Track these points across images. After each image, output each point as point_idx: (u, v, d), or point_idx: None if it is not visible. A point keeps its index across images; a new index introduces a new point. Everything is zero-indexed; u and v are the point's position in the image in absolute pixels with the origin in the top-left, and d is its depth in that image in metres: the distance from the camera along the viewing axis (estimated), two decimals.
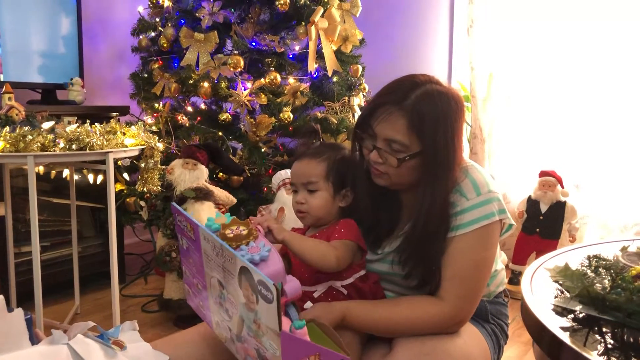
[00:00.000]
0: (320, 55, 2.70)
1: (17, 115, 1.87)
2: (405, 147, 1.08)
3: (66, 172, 2.35)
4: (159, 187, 2.15)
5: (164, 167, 2.23)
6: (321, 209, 1.19)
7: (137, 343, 0.93)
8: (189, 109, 2.77)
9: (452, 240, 1.11)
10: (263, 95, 2.56)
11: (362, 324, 1.10)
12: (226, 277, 0.92)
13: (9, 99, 1.95)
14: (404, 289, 1.19)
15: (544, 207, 2.73)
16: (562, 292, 1.06)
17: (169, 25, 2.74)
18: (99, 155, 1.83)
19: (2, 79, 2.48)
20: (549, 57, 3.04)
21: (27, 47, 2.65)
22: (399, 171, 1.11)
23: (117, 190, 2.58)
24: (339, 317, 1.07)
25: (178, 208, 1.03)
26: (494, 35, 3.17)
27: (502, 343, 1.28)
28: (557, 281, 1.09)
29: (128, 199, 2.59)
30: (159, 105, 2.79)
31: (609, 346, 0.89)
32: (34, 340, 0.85)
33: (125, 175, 2.67)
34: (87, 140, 1.76)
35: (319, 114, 2.73)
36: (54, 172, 2.39)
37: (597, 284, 1.02)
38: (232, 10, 2.72)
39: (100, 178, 2.51)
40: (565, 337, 0.89)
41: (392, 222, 1.22)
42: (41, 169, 2.32)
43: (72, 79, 2.75)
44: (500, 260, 1.28)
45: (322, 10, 2.60)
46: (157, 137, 2.12)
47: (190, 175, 2.25)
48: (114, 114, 2.76)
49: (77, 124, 1.84)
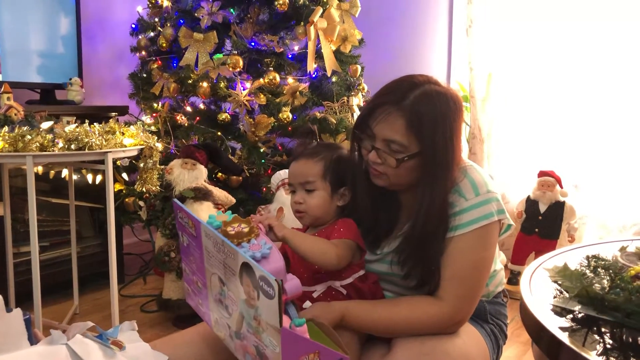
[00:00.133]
0: (319, 55, 2.70)
1: (15, 115, 1.87)
2: (404, 147, 1.08)
3: (65, 172, 2.35)
4: (157, 187, 2.15)
5: (163, 167, 2.23)
6: (319, 208, 1.19)
7: (136, 343, 0.93)
8: (188, 108, 2.77)
9: (451, 241, 1.11)
10: (262, 95, 2.55)
11: (361, 324, 1.10)
12: (227, 273, 0.92)
13: (8, 98, 1.96)
14: (403, 289, 1.19)
15: (542, 207, 2.73)
16: (561, 292, 1.06)
17: (168, 25, 2.74)
18: (97, 155, 1.83)
19: (1, 79, 2.48)
20: (548, 57, 3.04)
21: (26, 47, 2.65)
22: (398, 171, 1.11)
23: (116, 190, 2.58)
24: (338, 317, 1.07)
25: (180, 205, 1.03)
26: (492, 36, 3.18)
27: (501, 343, 1.28)
28: (556, 281, 1.10)
29: (127, 199, 2.59)
30: (158, 105, 2.79)
31: (608, 346, 0.90)
32: (33, 340, 0.85)
33: (124, 175, 2.67)
34: (86, 140, 1.75)
35: (318, 114, 2.73)
36: (52, 172, 2.39)
37: (596, 284, 1.02)
38: (231, 10, 2.72)
39: (99, 178, 2.52)
40: (564, 337, 0.89)
41: (391, 222, 1.22)
42: (40, 168, 2.32)
43: (71, 79, 2.74)
44: (499, 261, 1.28)
45: (321, 11, 2.60)
46: (156, 137, 2.12)
47: (189, 175, 2.24)
48: (113, 113, 2.75)
49: (76, 124, 1.84)
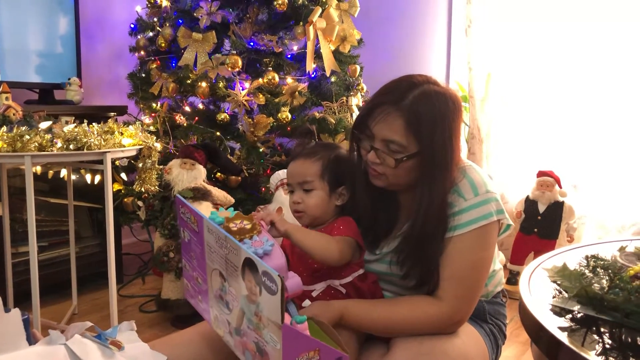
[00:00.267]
0: (318, 55, 2.70)
1: (14, 115, 1.87)
2: (402, 147, 1.08)
3: (64, 172, 2.35)
4: (156, 187, 2.15)
5: (161, 167, 2.22)
6: (318, 207, 1.19)
7: (134, 343, 0.93)
8: (187, 108, 2.77)
9: (450, 241, 1.11)
10: (261, 95, 2.55)
11: (360, 323, 1.10)
12: (228, 269, 0.92)
13: (6, 98, 1.95)
14: (402, 289, 1.19)
15: (542, 207, 2.73)
16: (560, 292, 1.06)
17: (167, 25, 2.73)
18: (96, 155, 1.82)
19: None
20: (547, 57, 3.04)
21: (24, 46, 2.64)
22: (397, 172, 1.10)
23: (114, 190, 2.58)
24: (337, 316, 1.07)
25: (182, 200, 1.03)
26: (492, 36, 3.18)
27: (500, 343, 1.28)
28: (555, 281, 1.10)
29: (126, 199, 2.59)
30: (157, 105, 2.79)
31: (607, 346, 0.90)
32: (31, 340, 0.85)
33: (123, 175, 2.66)
34: (85, 140, 1.75)
35: (317, 114, 2.73)
36: (51, 172, 2.39)
37: (595, 284, 1.02)
38: (230, 10, 2.72)
39: (97, 178, 2.51)
40: (563, 337, 0.89)
41: (390, 222, 1.22)
42: (38, 168, 2.31)
43: (69, 79, 2.74)
44: (498, 261, 1.28)
45: (320, 10, 2.60)
46: (155, 137, 2.12)
47: (188, 175, 2.24)
48: (112, 113, 2.75)
49: (75, 124, 1.84)
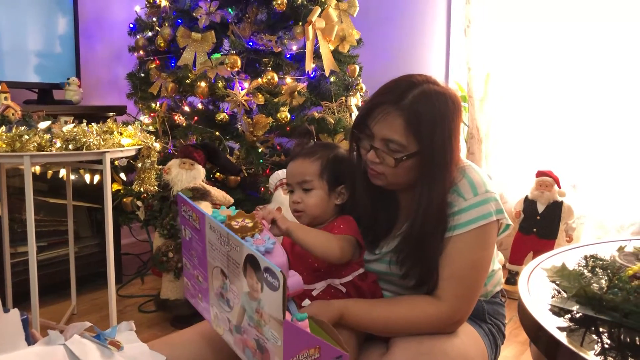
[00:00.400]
0: (317, 55, 2.70)
1: (13, 115, 1.87)
2: (402, 147, 1.08)
3: (63, 172, 2.35)
4: (155, 187, 2.14)
5: (160, 167, 2.22)
6: (317, 207, 1.19)
7: (133, 343, 0.93)
8: (186, 108, 2.76)
9: (449, 240, 1.11)
10: (260, 95, 2.55)
11: (360, 323, 1.10)
12: (230, 266, 0.92)
13: (5, 98, 1.95)
14: (401, 289, 1.19)
15: (541, 207, 2.73)
16: (559, 292, 1.06)
17: (166, 24, 2.73)
18: (95, 155, 1.82)
19: None
20: (546, 57, 3.04)
21: (23, 46, 2.64)
22: (396, 171, 1.11)
23: (113, 190, 2.57)
24: (337, 315, 1.07)
25: (184, 198, 1.04)
26: (491, 36, 3.18)
27: (499, 343, 1.28)
28: (554, 281, 1.10)
29: (125, 199, 2.59)
30: (156, 105, 2.79)
31: (606, 346, 0.90)
32: (30, 340, 0.85)
33: (122, 175, 2.66)
34: (84, 140, 1.75)
35: (316, 114, 2.72)
36: (50, 172, 2.39)
37: (594, 284, 1.02)
38: (230, 10, 2.72)
39: (97, 178, 2.51)
40: (562, 337, 0.89)
41: (390, 222, 1.22)
42: (38, 168, 2.31)
43: (68, 79, 2.74)
44: (497, 260, 1.29)
45: (319, 10, 2.59)
46: (154, 137, 2.12)
47: (187, 175, 2.24)
48: (111, 113, 2.75)
49: (74, 124, 1.84)
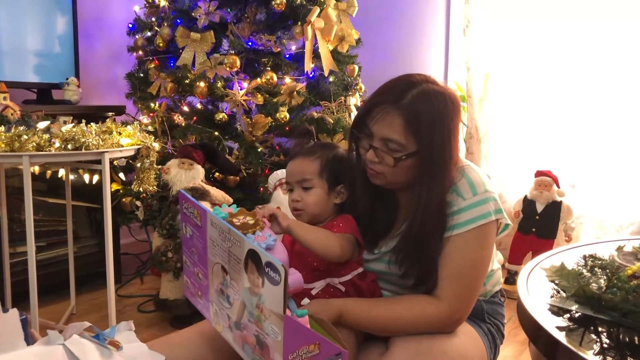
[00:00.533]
0: (316, 55, 2.70)
1: (12, 114, 1.87)
2: (401, 146, 1.08)
3: (62, 172, 2.34)
4: (155, 187, 2.14)
5: (160, 167, 2.22)
6: (316, 205, 1.20)
7: (133, 343, 0.93)
8: (185, 108, 2.76)
9: (448, 240, 1.11)
10: (259, 95, 2.55)
11: (359, 322, 1.10)
12: (231, 262, 0.92)
13: (4, 98, 1.95)
14: (401, 289, 1.19)
15: (540, 207, 2.73)
16: (558, 292, 1.06)
17: (165, 24, 2.73)
18: (94, 155, 1.82)
19: None
20: (545, 57, 3.04)
21: (22, 46, 2.64)
22: (396, 170, 1.11)
23: (113, 190, 2.57)
24: (336, 314, 1.07)
25: (185, 194, 1.04)
26: (490, 36, 3.18)
27: (498, 342, 1.28)
28: (553, 281, 1.10)
29: (124, 199, 2.59)
30: (155, 105, 2.79)
31: (605, 346, 0.90)
32: (29, 340, 0.85)
33: (121, 175, 2.66)
34: (83, 140, 1.75)
35: (316, 114, 2.73)
36: (49, 172, 2.39)
37: (593, 284, 1.02)
38: (229, 10, 2.71)
39: (96, 178, 2.51)
40: (561, 336, 0.89)
41: (389, 221, 1.22)
42: (37, 168, 2.31)
43: (67, 79, 2.74)
44: (496, 260, 1.29)
45: (318, 10, 2.59)
46: (153, 137, 2.11)
47: (186, 175, 2.24)
48: (110, 113, 2.74)
49: (73, 124, 1.84)
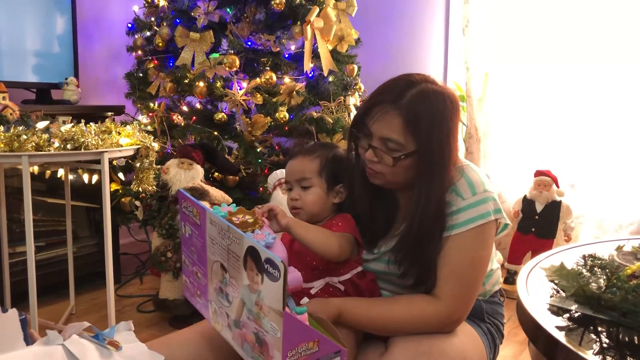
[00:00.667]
0: (316, 55, 2.70)
1: (11, 114, 1.87)
2: (400, 146, 1.08)
3: (61, 172, 2.34)
4: (154, 187, 2.14)
5: (159, 166, 2.22)
6: (315, 204, 1.20)
7: (132, 343, 0.92)
8: (185, 108, 2.76)
9: (447, 240, 1.11)
10: (259, 95, 2.55)
11: (358, 321, 1.10)
12: (230, 259, 0.92)
13: (3, 98, 1.95)
14: (400, 288, 1.19)
15: (539, 207, 2.73)
16: (558, 292, 1.06)
17: (164, 24, 2.73)
18: (93, 155, 1.82)
19: None
20: (545, 57, 3.04)
21: (21, 46, 2.63)
22: (395, 170, 1.11)
23: (112, 190, 2.57)
24: (336, 313, 1.07)
25: (185, 193, 1.04)
26: (489, 35, 3.18)
27: (498, 342, 1.28)
28: (552, 280, 1.10)
29: (123, 199, 2.58)
30: (154, 105, 2.78)
31: (605, 345, 0.90)
32: (29, 340, 0.85)
33: (121, 175, 2.66)
34: (82, 139, 1.75)
35: (315, 114, 2.72)
36: (48, 172, 2.38)
37: (593, 284, 1.02)
38: (228, 9, 2.71)
39: (95, 178, 2.51)
40: (560, 336, 0.89)
41: (388, 221, 1.22)
42: (36, 168, 2.31)
43: (66, 79, 2.73)
44: (496, 260, 1.29)
45: (317, 10, 2.59)
46: (153, 137, 2.11)
47: (185, 175, 2.24)
48: (109, 113, 2.74)
49: (72, 124, 1.83)
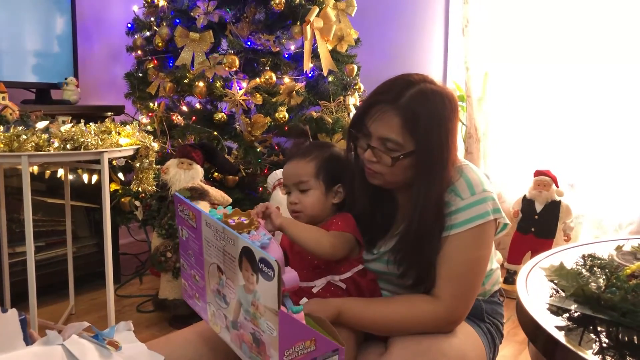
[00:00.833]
0: (315, 55, 2.70)
1: (11, 114, 1.87)
2: (399, 145, 1.08)
3: (61, 172, 2.34)
4: (154, 187, 2.14)
5: (159, 166, 2.22)
6: (314, 207, 1.20)
7: (132, 343, 0.92)
8: (184, 108, 2.76)
9: (446, 240, 1.11)
10: (258, 95, 2.55)
11: (357, 321, 1.10)
12: (226, 261, 0.93)
13: (3, 98, 1.95)
14: (399, 288, 1.19)
15: (539, 207, 2.73)
16: (557, 292, 1.06)
17: (164, 24, 2.73)
18: (93, 155, 1.82)
19: None
20: (544, 56, 3.04)
21: (21, 46, 2.63)
22: (393, 170, 1.11)
23: (111, 190, 2.57)
24: (335, 313, 1.07)
25: (180, 197, 1.05)
26: (489, 35, 3.18)
27: (498, 342, 1.28)
28: (552, 280, 1.10)
29: (123, 199, 2.58)
30: (154, 105, 2.78)
31: (604, 345, 0.90)
32: (29, 341, 0.85)
33: (120, 175, 2.66)
34: (82, 139, 1.75)
35: (315, 114, 2.72)
36: (48, 172, 2.38)
37: (592, 283, 1.02)
38: (227, 9, 2.71)
39: (95, 178, 2.51)
40: (560, 336, 0.89)
41: (388, 221, 1.22)
42: (35, 168, 2.31)
43: (66, 79, 2.73)
44: (495, 260, 1.29)
45: (317, 10, 2.59)
46: (152, 137, 2.11)
47: (185, 175, 2.24)
48: (109, 113, 2.74)
49: (72, 124, 1.83)
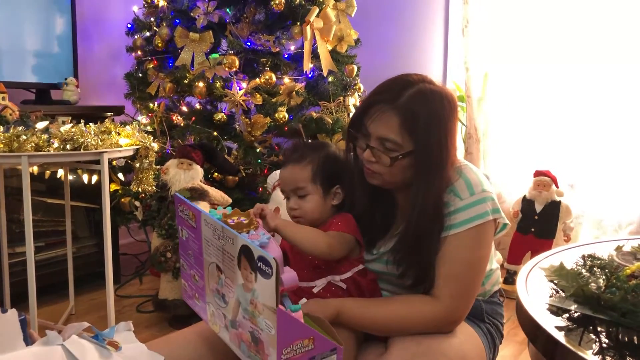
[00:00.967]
0: (315, 55, 2.70)
1: (11, 115, 1.87)
2: (398, 145, 1.08)
3: (60, 172, 2.34)
4: (153, 187, 2.14)
5: (158, 167, 2.22)
6: (314, 211, 1.20)
7: (132, 344, 0.92)
8: (184, 108, 2.76)
9: (446, 240, 1.11)
10: (258, 95, 2.55)
11: (356, 321, 1.10)
12: (225, 259, 0.93)
13: (3, 98, 1.95)
14: (399, 289, 1.19)
15: (538, 207, 2.74)
16: (557, 292, 1.07)
17: (164, 24, 2.73)
18: (93, 155, 1.82)
19: None
20: (544, 57, 3.04)
21: (21, 46, 2.63)
22: (392, 170, 1.11)
23: (111, 190, 2.57)
24: (334, 314, 1.07)
25: (180, 197, 1.05)
26: (489, 35, 3.18)
27: (498, 342, 1.28)
28: (552, 281, 1.10)
29: (123, 199, 2.58)
30: (154, 105, 2.78)
31: (604, 345, 0.90)
32: (29, 341, 0.85)
33: (120, 176, 2.66)
34: (82, 140, 1.75)
35: (315, 114, 2.72)
36: (48, 172, 2.38)
37: (592, 284, 1.02)
38: (227, 10, 2.71)
39: (94, 178, 2.51)
40: (560, 336, 0.89)
41: (387, 222, 1.22)
42: (35, 169, 2.31)
43: (66, 79, 2.73)
44: (495, 260, 1.29)
45: (317, 10, 2.59)
46: (152, 137, 2.11)
47: (185, 175, 2.24)
48: (109, 113, 2.74)
49: (72, 124, 1.83)
